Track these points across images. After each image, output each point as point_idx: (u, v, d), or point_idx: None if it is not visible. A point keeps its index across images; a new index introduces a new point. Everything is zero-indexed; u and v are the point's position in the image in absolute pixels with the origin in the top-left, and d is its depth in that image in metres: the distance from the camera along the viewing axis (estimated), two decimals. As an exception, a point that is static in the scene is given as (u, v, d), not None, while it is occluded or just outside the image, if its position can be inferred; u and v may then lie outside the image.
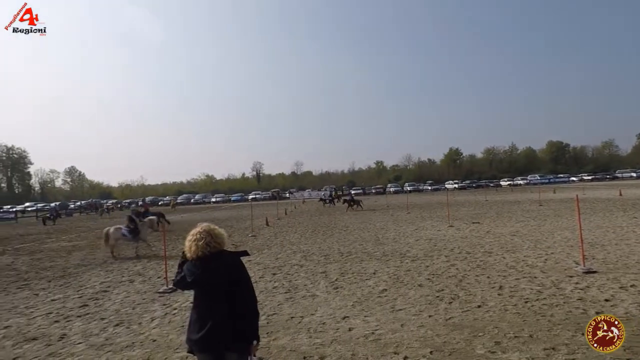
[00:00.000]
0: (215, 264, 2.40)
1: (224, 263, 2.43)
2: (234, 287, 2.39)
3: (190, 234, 2.49)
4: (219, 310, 2.34)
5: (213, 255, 2.42)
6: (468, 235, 11.53)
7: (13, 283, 8.33)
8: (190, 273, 2.38)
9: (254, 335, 2.43)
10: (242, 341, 2.38)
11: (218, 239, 2.47)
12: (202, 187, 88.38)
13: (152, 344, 4.49)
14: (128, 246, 12.20)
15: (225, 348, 2.33)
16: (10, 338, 4.94)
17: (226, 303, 2.35)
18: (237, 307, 2.38)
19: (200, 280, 2.36)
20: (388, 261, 8.41)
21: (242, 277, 2.45)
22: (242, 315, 2.39)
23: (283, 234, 14.62)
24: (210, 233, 2.46)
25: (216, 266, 2.39)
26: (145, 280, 7.85)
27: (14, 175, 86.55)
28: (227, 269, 2.41)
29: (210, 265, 2.38)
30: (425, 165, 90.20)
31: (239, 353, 2.36)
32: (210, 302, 2.37)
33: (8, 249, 14.65)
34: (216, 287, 2.36)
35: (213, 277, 2.37)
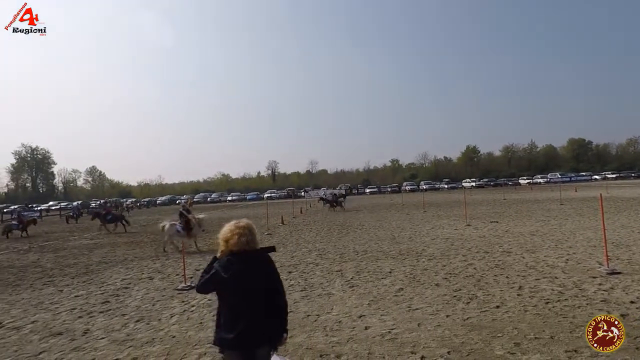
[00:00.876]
0: (252, 260, 2.41)
1: (259, 260, 2.45)
2: (269, 284, 2.42)
3: (232, 226, 2.45)
4: (255, 307, 2.34)
5: (250, 252, 2.42)
6: (486, 235, 11.33)
7: (39, 279, 8.63)
8: (225, 269, 2.33)
9: (284, 330, 2.49)
10: (275, 335, 2.43)
11: (256, 238, 2.49)
12: (218, 186, 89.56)
13: (172, 340, 4.59)
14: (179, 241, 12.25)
15: (260, 344, 2.36)
16: (37, 332, 5.12)
17: (262, 301, 2.37)
18: (271, 302, 2.41)
19: (238, 275, 2.32)
20: (404, 260, 8.35)
21: (275, 274, 2.48)
22: (275, 311, 2.42)
23: (298, 233, 14.69)
24: (251, 230, 2.47)
25: (252, 263, 2.41)
26: (164, 278, 8.02)
27: (39, 175, 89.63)
28: (262, 266, 2.44)
29: (247, 262, 2.38)
30: (441, 164, 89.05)
31: (271, 346, 2.42)
32: (245, 299, 2.34)
33: (34, 247, 15.18)
34: (253, 284, 2.36)
35: (250, 273, 2.37)
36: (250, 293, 2.35)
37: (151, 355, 4.16)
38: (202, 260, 9.87)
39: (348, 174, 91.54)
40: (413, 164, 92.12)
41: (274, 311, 2.42)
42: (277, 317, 2.44)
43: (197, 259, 9.94)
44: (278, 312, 2.45)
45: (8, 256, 12.83)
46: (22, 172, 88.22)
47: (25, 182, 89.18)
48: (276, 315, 2.43)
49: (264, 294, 2.38)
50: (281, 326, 2.47)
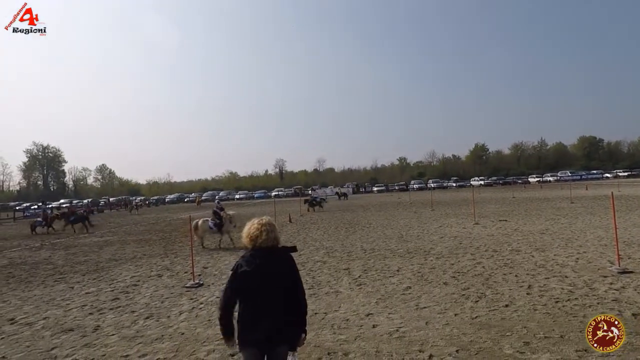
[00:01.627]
0: (276, 257, 2.43)
1: (283, 257, 2.47)
2: (290, 282, 2.42)
3: (258, 222, 2.48)
4: (275, 304, 2.35)
5: (274, 249, 2.45)
6: (495, 233, 11.23)
7: (50, 276, 8.77)
8: (249, 263, 2.36)
9: (303, 330, 2.50)
10: (294, 334, 2.43)
11: (278, 235, 2.53)
12: (226, 184, 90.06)
13: (181, 337, 4.63)
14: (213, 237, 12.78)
15: (276, 345, 2.36)
16: (48, 328, 5.21)
17: (282, 300, 2.37)
18: (291, 301, 2.41)
19: (263, 269, 2.34)
20: (412, 258, 8.32)
21: (295, 272, 2.49)
22: (295, 310, 2.42)
23: (306, 231, 14.71)
24: (273, 226, 2.50)
25: (277, 259, 2.43)
26: (173, 275, 8.09)
27: (50, 173, 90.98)
28: (285, 263, 2.45)
29: (272, 258, 2.41)
30: (449, 162, 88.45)
31: (290, 345, 2.43)
32: (266, 295, 2.34)
33: (45, 244, 15.43)
34: (276, 280, 2.36)
35: (274, 268, 2.38)
36: (271, 289, 2.35)
37: (160, 352, 4.21)
38: (210, 258, 9.95)
39: (355, 172, 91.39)
40: (421, 162, 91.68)
41: (294, 310, 2.42)
42: (296, 316, 2.43)
43: (205, 257, 10.02)
44: (298, 311, 2.44)
45: (20, 253, 13.06)
46: (34, 170, 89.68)
47: (37, 180, 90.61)
48: (296, 314, 2.43)
49: (284, 292, 2.38)
50: (300, 325, 2.47)
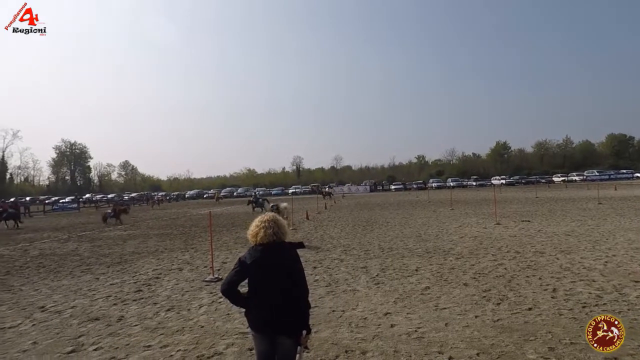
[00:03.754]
0: (276, 251, 2.52)
1: (283, 252, 2.54)
2: (289, 277, 2.48)
3: (258, 220, 2.61)
4: (272, 296, 2.45)
5: (275, 244, 2.54)
6: (517, 234, 10.95)
7: (77, 267, 9.09)
8: (250, 256, 2.51)
9: (305, 325, 2.52)
10: (293, 329, 2.48)
11: (283, 229, 2.60)
12: (244, 180, 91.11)
13: (200, 329, 4.72)
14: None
15: (277, 333, 2.46)
16: (76, 317, 5.40)
17: (280, 291, 2.45)
18: (290, 296, 2.47)
19: (261, 262, 2.46)
20: (431, 258, 8.21)
21: (297, 268, 2.53)
22: (294, 305, 2.48)
23: (323, 228, 14.72)
24: (277, 222, 2.60)
25: (276, 254, 2.51)
26: (193, 269, 8.24)
27: (77, 168, 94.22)
28: (286, 258, 2.52)
29: (271, 252, 2.50)
30: (469, 160, 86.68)
31: (290, 338, 2.47)
32: (265, 288, 2.47)
33: (72, 236, 16.00)
34: (273, 273, 2.46)
35: (272, 262, 2.47)
36: (270, 282, 2.46)
37: (181, 344, 4.30)
38: (229, 254, 10.09)
39: (372, 170, 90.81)
40: (440, 160, 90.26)
41: (293, 304, 2.47)
42: (295, 310, 2.48)
43: (224, 253, 10.16)
44: (296, 305, 2.49)
45: (50, 245, 13.59)
46: (62, 165, 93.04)
47: (65, 175, 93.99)
48: (294, 308, 2.48)
49: (283, 285, 2.45)
50: (300, 321, 2.50)
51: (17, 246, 13.59)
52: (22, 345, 4.47)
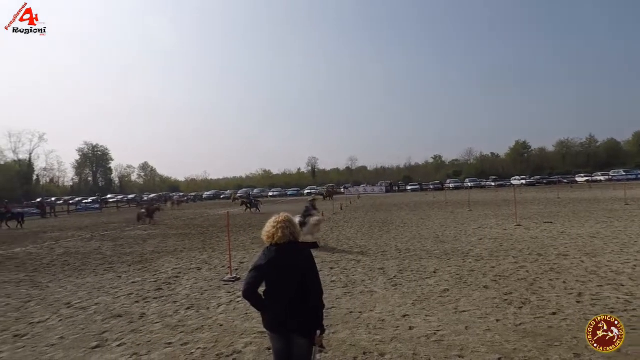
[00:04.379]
0: (291, 252, 2.54)
1: (297, 252, 2.57)
2: (303, 277, 2.49)
3: (274, 220, 2.64)
4: (287, 296, 2.48)
5: (290, 244, 2.56)
6: (539, 236, 10.66)
7: (100, 265, 9.35)
8: (265, 257, 2.54)
9: (318, 325, 2.53)
10: (308, 329, 2.49)
11: (296, 229, 2.64)
12: (260, 181, 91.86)
13: (220, 328, 4.78)
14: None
15: (290, 332, 2.49)
16: (100, 314, 5.56)
17: (294, 291, 2.47)
18: (304, 296, 2.48)
19: (276, 262, 2.49)
20: (449, 260, 8.08)
21: (311, 268, 2.55)
22: (307, 305, 2.49)
23: (339, 229, 14.70)
24: (292, 222, 2.64)
25: (291, 254, 2.53)
26: (212, 269, 8.36)
27: (99, 170, 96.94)
28: (299, 259, 2.54)
29: (286, 252, 2.53)
30: (488, 160, 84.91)
31: (305, 337, 2.50)
32: (280, 287, 2.50)
33: (95, 235, 16.47)
34: (288, 273, 2.48)
35: (287, 262, 2.50)
36: (284, 282, 2.48)
37: (201, 342, 4.37)
38: (247, 254, 10.18)
39: (388, 171, 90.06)
40: (457, 160, 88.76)
41: (307, 304, 2.48)
42: (309, 310, 2.49)
43: (242, 252, 10.26)
44: (309, 305, 2.49)
45: (74, 243, 14.03)
46: (85, 167, 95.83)
47: (87, 176, 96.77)
48: (308, 308, 2.49)
49: (296, 285, 2.47)
50: (314, 320, 2.51)
51: (44, 244, 14.08)
52: (50, 340, 4.63)
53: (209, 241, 12.89)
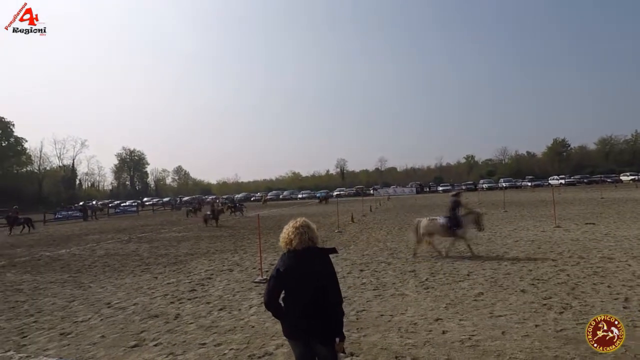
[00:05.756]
0: (309, 257, 2.50)
1: (316, 258, 2.52)
2: (321, 283, 2.44)
3: (291, 226, 2.59)
4: (305, 303, 2.44)
5: (308, 249, 2.52)
6: (580, 238, 10.11)
7: (138, 267, 9.76)
8: (283, 263, 2.51)
9: (337, 332, 2.46)
10: (326, 336, 2.44)
11: (316, 234, 2.60)
12: (289, 183, 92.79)
13: (251, 329, 4.86)
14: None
15: (309, 338, 2.45)
16: (138, 314, 5.80)
17: (313, 297, 2.42)
18: (323, 303, 2.43)
19: (294, 269, 2.46)
20: (483, 263, 7.82)
21: (330, 274, 2.49)
22: (326, 311, 2.43)
23: (369, 231, 14.57)
24: (310, 227, 2.58)
25: (310, 260, 2.49)
26: (243, 270, 8.52)
27: (136, 174, 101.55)
28: (317, 264, 2.49)
29: (305, 258, 2.49)
30: (523, 159, 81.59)
31: (325, 346, 2.45)
32: (298, 294, 2.47)
33: (133, 238, 17.21)
34: (306, 280, 2.45)
35: (306, 269, 2.46)
36: (302, 288, 2.45)
37: (233, 343, 4.45)
38: (277, 255, 10.26)
39: (419, 171, 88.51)
40: (491, 160, 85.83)
41: (325, 311, 2.42)
42: (328, 317, 2.43)
43: (272, 254, 10.38)
44: (329, 312, 2.43)
45: (114, 245, 14.73)
46: (123, 171, 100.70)
47: (125, 180, 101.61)
48: (327, 315, 2.43)
49: (315, 292, 2.41)
50: (333, 328, 2.45)
51: (86, 246, 14.88)
52: (92, 339, 4.87)
53: (239, 243, 13.15)
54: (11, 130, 73.88)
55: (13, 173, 74.10)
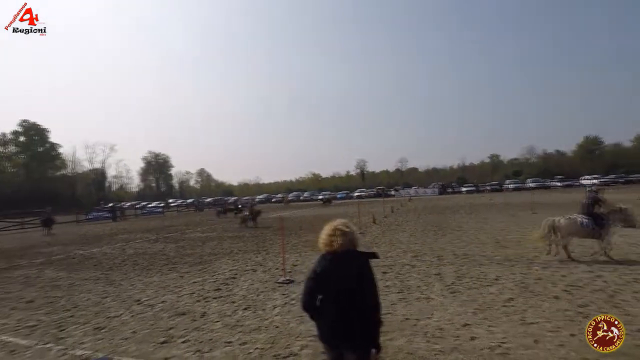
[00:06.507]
0: (349, 261, 2.39)
1: (356, 261, 2.42)
2: (360, 289, 2.34)
3: (331, 227, 2.49)
4: (341, 308, 2.33)
5: (349, 252, 2.42)
6: (617, 241, 9.61)
7: (165, 265, 10.01)
8: (320, 265, 2.41)
9: (374, 342, 2.35)
10: (362, 342, 2.32)
11: (356, 236, 2.50)
12: (309, 185, 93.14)
13: (275, 330, 4.88)
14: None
15: (343, 346, 2.32)
16: (166, 311, 5.94)
17: (350, 303, 2.31)
18: (361, 309, 2.32)
19: (332, 271, 2.35)
20: (512, 267, 7.57)
21: (369, 280, 2.39)
22: (363, 318, 2.33)
23: (391, 232, 14.40)
24: (352, 230, 2.49)
25: (349, 263, 2.39)
26: (266, 271, 8.59)
27: (161, 176, 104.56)
28: (357, 268, 2.39)
29: (344, 261, 2.38)
30: (552, 158, 78.62)
31: (357, 355, 2.32)
32: (334, 298, 2.36)
33: (159, 237, 17.70)
34: (343, 284, 2.34)
35: (344, 272, 2.35)
36: (338, 292, 2.33)
37: (258, 342, 4.49)
38: (299, 256, 10.28)
39: (441, 172, 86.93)
40: (516, 159, 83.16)
41: (362, 317, 2.31)
42: (364, 325, 2.32)
43: (294, 255, 10.41)
44: (366, 319, 2.32)
45: (142, 244, 15.19)
46: (149, 174, 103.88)
47: (151, 182, 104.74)
48: (364, 322, 2.32)
49: (352, 297, 2.31)
50: (370, 336, 2.34)
51: (116, 245, 15.41)
52: (124, 334, 5.03)
53: (262, 244, 13.27)
54: (47, 136, 77.88)
55: (49, 177, 77.93)
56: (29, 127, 76.20)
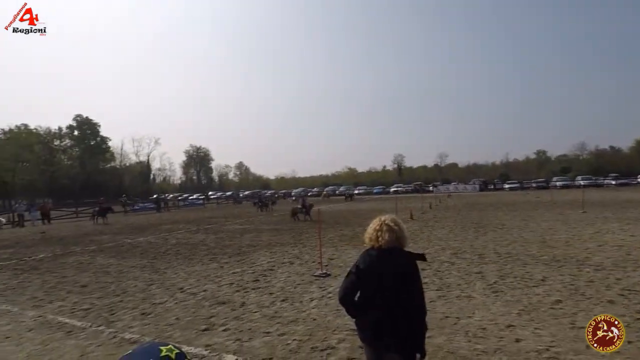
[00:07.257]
0: (395, 259, 2.29)
1: (402, 260, 2.31)
2: (405, 289, 2.23)
3: (378, 221, 2.40)
4: (385, 308, 2.24)
5: (395, 250, 2.32)
6: (682, 244, 8.80)
7: (206, 256, 10.41)
8: (364, 261, 2.31)
9: (418, 346, 2.25)
10: (404, 347, 2.22)
11: (404, 234, 2.39)
12: (345, 179, 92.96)
13: (313, 322, 4.93)
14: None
15: (385, 346, 2.23)
16: (207, 299, 6.18)
17: (393, 303, 2.22)
18: (405, 310, 2.22)
19: (376, 269, 2.25)
20: (560, 268, 7.15)
21: (415, 281, 2.29)
22: (408, 319, 2.23)
23: (429, 229, 14.06)
24: (400, 226, 2.38)
25: (395, 261, 2.28)
26: (303, 264, 8.69)
27: (202, 169, 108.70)
28: (403, 268, 2.28)
29: (389, 259, 2.28)
30: (605, 155, 73.29)
31: (401, 357, 2.22)
32: (377, 297, 2.26)
33: (200, 229, 18.41)
34: (387, 282, 2.23)
35: (389, 270, 2.24)
36: (381, 291, 2.23)
37: (296, 334, 4.55)
38: (335, 250, 10.31)
39: (482, 168, 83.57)
40: (565, 155, 78.29)
41: (406, 320, 2.21)
42: (408, 328, 2.21)
43: (330, 249, 10.45)
44: (410, 322, 2.22)
45: (184, 235, 15.89)
46: (190, 167, 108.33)
47: (192, 175, 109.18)
48: (408, 325, 2.21)
49: (397, 297, 2.20)
50: (413, 340, 2.23)
51: (160, 235, 16.23)
52: (169, 320, 5.28)
53: (299, 237, 13.44)
54: (98, 130, 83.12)
55: (99, 169, 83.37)
56: (82, 121, 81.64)
